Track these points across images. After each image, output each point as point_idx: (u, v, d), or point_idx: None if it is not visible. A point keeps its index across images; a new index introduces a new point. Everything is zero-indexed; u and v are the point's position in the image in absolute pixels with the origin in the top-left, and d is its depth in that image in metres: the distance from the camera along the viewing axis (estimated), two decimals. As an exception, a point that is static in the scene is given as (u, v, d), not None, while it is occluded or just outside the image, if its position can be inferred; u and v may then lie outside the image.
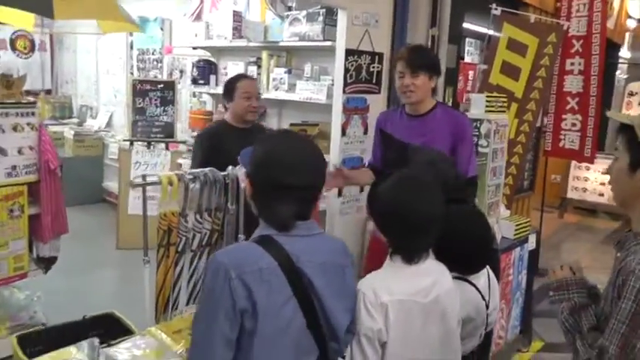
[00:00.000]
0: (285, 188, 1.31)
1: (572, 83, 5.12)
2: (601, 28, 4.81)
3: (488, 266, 1.84)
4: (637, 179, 1.34)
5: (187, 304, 2.26)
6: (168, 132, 5.12)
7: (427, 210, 1.52)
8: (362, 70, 3.88)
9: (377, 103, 4.07)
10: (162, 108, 5.05)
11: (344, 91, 3.77)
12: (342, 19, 3.71)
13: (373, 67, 3.97)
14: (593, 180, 8.03)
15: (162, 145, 5.16)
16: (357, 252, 4.14)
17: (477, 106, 3.05)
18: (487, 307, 1.76)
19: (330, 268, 1.35)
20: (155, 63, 5.84)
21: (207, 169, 2.24)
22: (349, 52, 3.74)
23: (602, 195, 8.04)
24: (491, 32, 4.47)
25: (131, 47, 6.23)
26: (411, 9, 4.03)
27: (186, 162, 4.96)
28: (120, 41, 6.21)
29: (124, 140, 5.24)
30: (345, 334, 1.41)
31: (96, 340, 1.75)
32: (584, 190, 8.07)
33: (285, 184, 1.31)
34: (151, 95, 5.01)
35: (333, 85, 3.96)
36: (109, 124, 6.69)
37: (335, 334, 1.36)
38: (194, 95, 5.55)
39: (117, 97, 6.55)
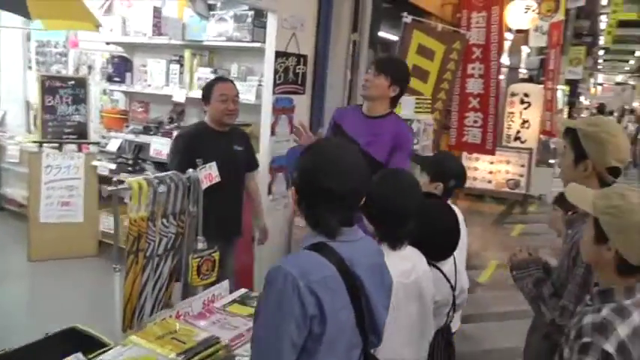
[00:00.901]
0: (333, 195, 1.35)
1: (474, 85, 5.63)
2: (498, 38, 5.34)
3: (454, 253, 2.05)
4: (580, 170, 1.69)
5: (152, 311, 2.24)
6: (81, 132, 4.86)
7: (410, 202, 1.71)
8: (289, 72, 4.00)
9: (301, 104, 4.22)
10: (74, 107, 4.78)
11: (273, 92, 3.87)
12: (272, 21, 3.79)
13: (299, 69, 4.10)
14: (482, 169, 8.85)
15: (74, 147, 4.90)
16: (285, 248, 4.28)
17: (407, 107, 3.31)
18: (454, 289, 1.99)
19: (376, 268, 1.46)
20: (58, 57, 5.48)
21: (170, 172, 2.24)
22: (278, 54, 3.84)
23: (490, 182, 8.90)
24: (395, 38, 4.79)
25: (28, 39, 5.79)
26: (334, 15, 4.22)
27: (101, 164, 4.76)
28: (15, 31, 5.73)
29: (33, 142, 4.87)
30: None
31: (80, 355, 1.70)
32: (475, 178, 8.82)
33: (332, 191, 1.35)
34: (62, 93, 4.72)
35: (260, 85, 4.04)
36: (1, 123, 6.15)
37: (376, 329, 1.46)
38: (104, 93, 5.31)
39: (11, 93, 6.05)
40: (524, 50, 10.40)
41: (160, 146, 4.41)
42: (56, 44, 5.45)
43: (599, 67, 33.40)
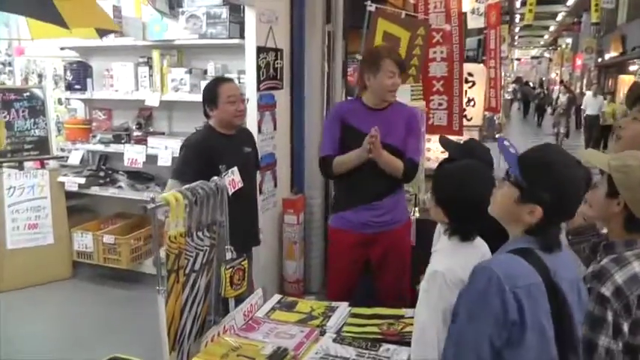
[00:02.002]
0: (556, 207, 1.38)
1: (437, 69, 5.70)
2: (458, 22, 5.43)
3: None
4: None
5: (191, 330, 2.11)
6: (42, 148, 4.50)
7: (486, 193, 1.69)
8: (270, 67, 3.90)
9: (281, 99, 4.14)
10: (32, 120, 4.42)
11: (258, 89, 3.76)
12: (250, 16, 3.68)
13: (277, 64, 4.02)
14: (434, 150, 9.04)
15: (31, 164, 4.55)
16: (277, 245, 4.20)
17: (402, 95, 3.29)
18: None
19: (574, 283, 1.43)
20: (1, 67, 5.05)
21: (199, 183, 2.11)
22: (260, 50, 3.73)
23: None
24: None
25: (-38, 50, 5.30)
26: (307, 6, 4.14)
27: (68, 180, 4.44)
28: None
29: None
30: None
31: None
32: (428, 159, 9.02)
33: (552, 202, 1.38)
34: (17, 106, 4.35)
35: (240, 82, 3.91)
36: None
37: (574, 347, 1.41)
38: (60, 102, 4.95)
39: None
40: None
41: (135, 155, 4.18)
42: (-3, 53, 5.02)
43: (515, 43, 35.12)
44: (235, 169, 2.40)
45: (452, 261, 1.67)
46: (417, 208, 3.24)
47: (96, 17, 3.52)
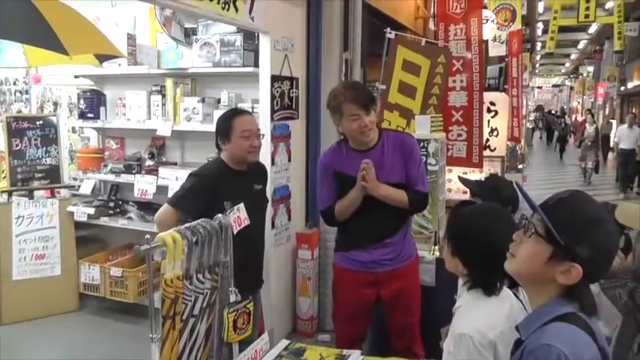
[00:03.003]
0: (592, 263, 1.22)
1: (456, 98, 5.54)
2: (479, 49, 5.29)
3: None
4: None
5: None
6: (53, 177, 4.42)
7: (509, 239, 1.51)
8: (284, 96, 3.78)
9: (297, 129, 4.01)
10: (44, 149, 4.35)
11: (272, 119, 3.64)
12: (264, 44, 3.58)
13: (292, 93, 3.90)
14: (455, 180, 8.81)
15: (42, 193, 4.47)
16: (290, 281, 4.02)
17: (422, 126, 3.14)
18: None
19: (606, 346, 1.27)
20: (18, 95, 5.04)
21: (201, 221, 1.95)
22: (274, 79, 3.62)
23: (465, 193, 8.85)
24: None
25: (-20, 78, 5.31)
26: (324, 33, 4.04)
27: (77, 209, 4.35)
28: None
29: (1, 191, 4.39)
30: None
31: None
32: (449, 190, 8.80)
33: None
34: (30, 134, 4.30)
35: (253, 112, 3.79)
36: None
37: None
38: (74, 131, 4.90)
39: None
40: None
41: (146, 185, 4.07)
42: (15, 81, 5.01)
43: (536, 71, 34.92)
44: (241, 205, 2.24)
45: (478, 321, 1.48)
46: (436, 247, 3.03)
47: (96, 43, 3.42)
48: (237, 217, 2.26)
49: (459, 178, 2.63)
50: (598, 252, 1.19)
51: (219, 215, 2.07)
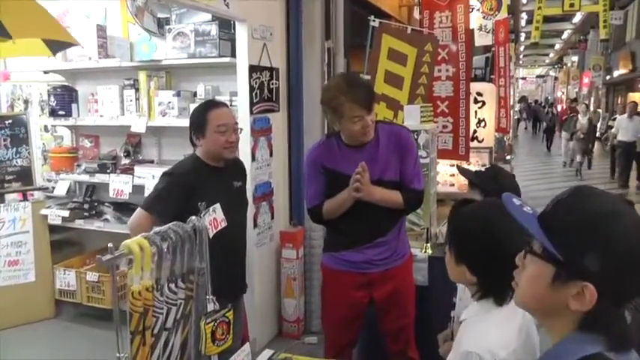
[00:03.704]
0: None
1: (442, 88, 5.38)
2: (465, 37, 5.13)
3: None
4: None
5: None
6: (25, 179, 4.19)
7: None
8: (264, 88, 3.60)
9: (278, 122, 3.83)
10: (14, 149, 4.12)
11: (251, 112, 3.46)
12: (241, 32, 3.40)
13: (272, 84, 3.72)
14: (443, 172, 8.67)
15: (14, 196, 4.25)
16: (274, 282, 3.85)
17: (411, 117, 2.97)
18: None
19: None
20: (-14, 94, 4.80)
21: (172, 225, 1.77)
22: (253, 69, 3.44)
23: (452, 185, 8.73)
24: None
25: (-55, 76, 5.05)
26: (304, 21, 3.86)
27: (51, 212, 4.13)
28: None
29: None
30: None
31: None
32: (437, 182, 8.66)
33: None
34: (-1, 134, 4.08)
35: (232, 105, 3.60)
36: None
37: None
38: (46, 130, 4.67)
39: None
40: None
41: (121, 185, 3.86)
42: (-19, 79, 4.77)
43: (520, 62, 34.98)
44: (217, 206, 2.05)
45: (489, 338, 1.29)
46: (429, 244, 2.87)
47: (45, 27, 3.13)
48: (214, 218, 2.07)
49: (458, 168, 2.47)
50: (614, 260, 0.89)
51: (193, 218, 1.88)
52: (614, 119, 12.36)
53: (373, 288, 2.53)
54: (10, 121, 4.19)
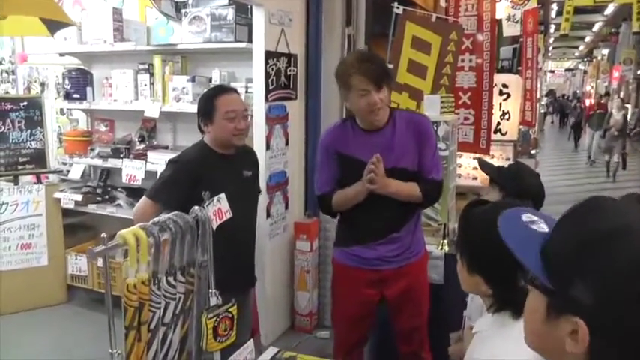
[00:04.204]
0: None
1: (464, 79, 5.21)
2: (490, 27, 4.95)
3: None
4: None
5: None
6: (39, 161, 4.16)
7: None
8: (281, 75, 3.49)
9: (295, 110, 3.72)
10: (28, 132, 4.09)
11: (266, 99, 3.35)
12: (258, 17, 3.28)
13: (290, 71, 3.60)
14: (466, 166, 8.49)
15: (28, 179, 4.23)
16: (287, 274, 3.76)
17: (431, 107, 2.83)
18: None
19: None
20: (5, 75, 4.78)
21: (172, 215, 1.68)
22: (269, 55, 3.33)
23: (475, 179, 8.54)
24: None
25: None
26: (324, 7, 3.73)
27: (65, 196, 4.10)
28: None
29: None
30: None
31: None
32: (459, 175, 8.49)
33: None
34: (13, 116, 4.03)
35: (248, 92, 3.51)
36: None
37: None
38: (62, 113, 4.64)
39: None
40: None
41: (134, 170, 3.81)
42: (1, 60, 4.75)
43: (549, 54, 34.21)
44: (222, 196, 1.96)
45: (504, 355, 1.15)
46: (445, 241, 2.75)
47: (39, 4, 3.05)
48: (218, 209, 1.98)
49: (479, 161, 2.33)
50: (611, 288, 0.69)
51: (196, 208, 1.79)
52: None
53: (385, 286, 2.42)
54: (25, 103, 4.16)
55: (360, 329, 2.49)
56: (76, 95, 4.11)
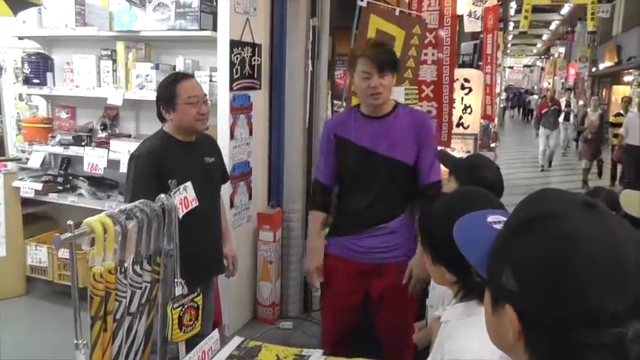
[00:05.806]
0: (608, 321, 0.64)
1: (427, 72, 5.31)
2: (451, 22, 5.07)
3: None
4: None
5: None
6: (-4, 149, 4.07)
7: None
8: (245, 64, 3.49)
9: (259, 100, 3.73)
10: (-16, 119, 3.99)
11: (231, 88, 3.35)
12: (223, 5, 3.27)
13: (254, 60, 3.61)
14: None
15: (-15, 166, 4.10)
16: (251, 265, 3.78)
17: (395, 96, 2.88)
18: None
19: None
20: (-42, 60, 4.59)
21: (139, 203, 1.68)
22: (234, 44, 3.32)
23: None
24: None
25: None
26: (289, -3, 3.73)
27: (24, 185, 3.99)
28: None
29: None
30: None
31: None
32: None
33: (607, 313, 0.64)
34: (-32, 102, 3.92)
35: (212, 81, 3.50)
36: None
37: None
38: (21, 98, 4.50)
39: None
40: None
41: (96, 159, 3.75)
42: (-48, 44, 4.56)
43: (508, 50, 34.99)
44: (189, 184, 1.97)
45: (476, 343, 1.13)
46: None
47: None
48: (184, 197, 1.99)
49: (440, 153, 2.41)
50: (531, 273, 0.67)
51: (162, 196, 1.80)
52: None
53: (369, 280, 2.44)
54: (-20, 88, 4.03)
55: (343, 319, 2.50)
56: (35, 80, 3.99)
